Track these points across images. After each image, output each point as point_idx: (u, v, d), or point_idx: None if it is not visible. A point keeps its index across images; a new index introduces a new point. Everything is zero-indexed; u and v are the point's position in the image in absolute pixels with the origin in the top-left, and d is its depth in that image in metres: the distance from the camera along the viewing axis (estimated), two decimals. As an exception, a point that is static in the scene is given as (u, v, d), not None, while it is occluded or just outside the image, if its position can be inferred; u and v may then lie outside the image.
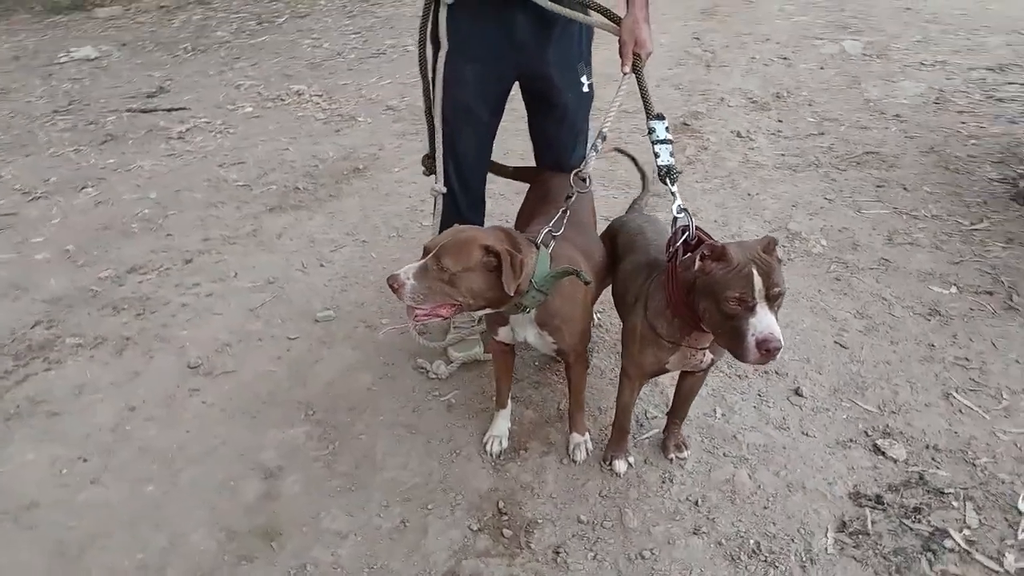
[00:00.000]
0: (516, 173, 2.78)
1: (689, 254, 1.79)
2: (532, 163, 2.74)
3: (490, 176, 2.72)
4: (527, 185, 2.68)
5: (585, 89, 2.48)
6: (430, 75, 2.39)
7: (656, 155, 2.11)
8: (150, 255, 3.53)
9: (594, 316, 2.76)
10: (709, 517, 2.08)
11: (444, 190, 2.53)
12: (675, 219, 1.93)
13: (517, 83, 2.46)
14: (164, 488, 2.21)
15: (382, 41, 6.93)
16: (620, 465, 2.25)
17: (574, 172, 2.14)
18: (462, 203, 2.58)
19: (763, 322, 1.58)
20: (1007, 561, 1.89)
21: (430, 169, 2.55)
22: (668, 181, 2.07)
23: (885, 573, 1.89)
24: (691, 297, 1.76)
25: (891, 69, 5.91)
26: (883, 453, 2.26)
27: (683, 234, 1.87)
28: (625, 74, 2.21)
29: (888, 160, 4.31)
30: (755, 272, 1.59)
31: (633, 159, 2.77)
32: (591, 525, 2.07)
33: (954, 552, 1.93)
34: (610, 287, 2.35)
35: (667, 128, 2.14)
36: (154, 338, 2.90)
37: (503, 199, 3.66)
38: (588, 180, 2.15)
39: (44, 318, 3.03)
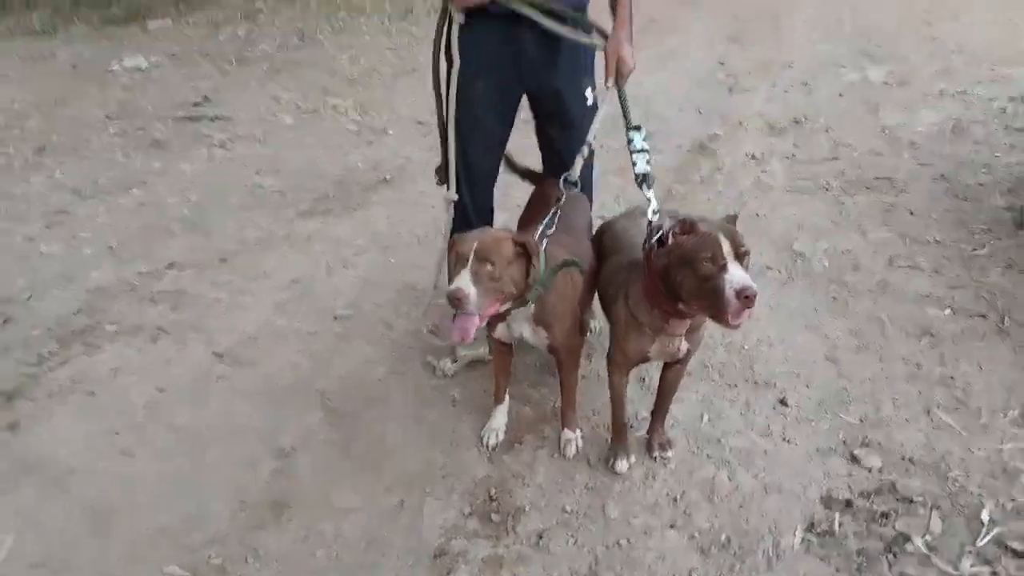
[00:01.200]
0: (525, 174, 2.96)
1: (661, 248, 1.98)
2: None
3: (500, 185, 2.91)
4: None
5: (589, 102, 2.67)
6: (443, 90, 2.59)
7: (634, 163, 2.31)
8: (188, 253, 3.78)
9: (592, 324, 2.92)
10: (686, 512, 2.22)
11: (456, 197, 2.73)
12: (650, 221, 2.12)
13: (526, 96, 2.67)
14: (189, 463, 2.43)
15: (416, 59, 7.17)
16: (622, 465, 2.37)
17: (563, 176, 2.34)
18: (471, 210, 2.76)
19: (736, 275, 1.76)
20: (963, 566, 2.01)
21: (443, 179, 2.74)
22: (644, 186, 2.26)
23: (846, 571, 2.02)
24: (667, 282, 1.94)
25: (911, 98, 5.99)
26: (859, 462, 2.38)
27: (657, 232, 2.05)
28: (608, 88, 2.42)
29: (898, 186, 4.41)
30: (722, 236, 1.80)
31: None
32: (575, 514, 2.23)
33: (914, 555, 2.05)
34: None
35: (644, 138, 2.34)
36: (188, 329, 3.13)
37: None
38: (578, 184, 2.35)
39: (86, 307, 3.28)
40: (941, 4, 8.88)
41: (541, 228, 2.27)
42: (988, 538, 2.09)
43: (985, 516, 2.16)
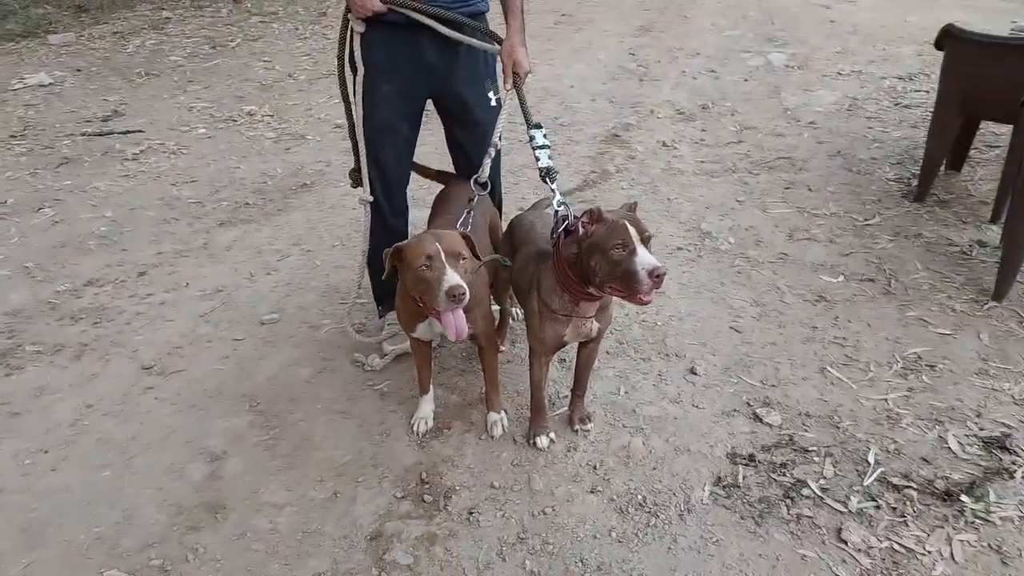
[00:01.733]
0: (437, 176, 3.06)
1: (569, 237, 2.12)
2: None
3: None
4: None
5: (493, 103, 2.77)
6: (351, 96, 2.67)
7: (537, 159, 2.44)
8: (106, 269, 3.76)
9: (513, 311, 3.05)
10: (605, 478, 2.37)
11: (371, 199, 2.80)
12: (556, 212, 2.26)
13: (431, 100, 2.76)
14: (118, 473, 2.45)
15: (332, 62, 7.04)
16: (542, 441, 2.52)
17: (473, 178, 2.45)
18: (386, 210, 2.85)
19: (645, 257, 1.95)
20: (851, 503, 2.21)
21: (357, 182, 2.82)
22: (548, 180, 2.40)
23: (750, 517, 2.20)
24: (578, 268, 2.09)
25: (810, 79, 6.33)
26: (761, 420, 2.58)
27: (563, 222, 2.19)
28: (507, 90, 2.53)
29: (798, 164, 4.69)
30: (628, 224, 1.98)
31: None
32: (502, 489, 2.35)
33: (809, 498, 2.25)
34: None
35: (544, 135, 2.47)
36: (110, 344, 3.13)
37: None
38: (487, 185, 2.47)
39: (5, 329, 3.24)
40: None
41: (458, 227, 2.37)
42: (873, 477, 2.30)
43: (871, 458, 2.38)
